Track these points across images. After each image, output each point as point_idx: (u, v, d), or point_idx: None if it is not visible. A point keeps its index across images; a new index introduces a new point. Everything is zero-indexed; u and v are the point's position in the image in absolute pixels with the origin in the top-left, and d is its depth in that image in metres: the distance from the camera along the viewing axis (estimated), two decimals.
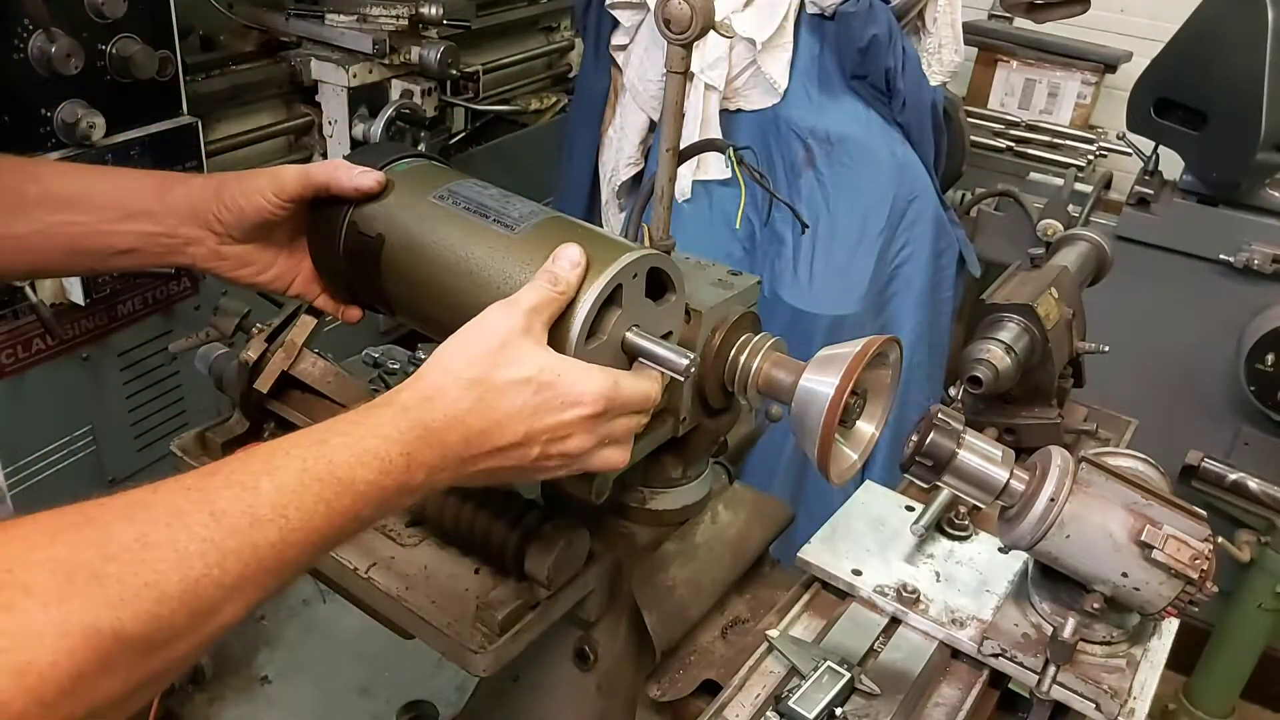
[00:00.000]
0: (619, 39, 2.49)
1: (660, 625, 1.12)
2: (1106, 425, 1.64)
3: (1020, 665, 1.05)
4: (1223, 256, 2.51)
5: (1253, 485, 2.41)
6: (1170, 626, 1.10)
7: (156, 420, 2.31)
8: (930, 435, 1.00)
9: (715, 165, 2.31)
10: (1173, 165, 2.61)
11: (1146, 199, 2.63)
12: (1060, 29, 3.06)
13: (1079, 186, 2.82)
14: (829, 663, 1.05)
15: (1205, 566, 0.96)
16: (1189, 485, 2.43)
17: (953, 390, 1.44)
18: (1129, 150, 2.77)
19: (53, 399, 2.09)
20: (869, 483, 1.36)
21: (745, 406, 1.13)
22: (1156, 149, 2.61)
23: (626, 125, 2.50)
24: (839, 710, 1.01)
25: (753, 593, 1.27)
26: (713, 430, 1.12)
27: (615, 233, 1.02)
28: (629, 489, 1.17)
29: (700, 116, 2.24)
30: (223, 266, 1.04)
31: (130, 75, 1.94)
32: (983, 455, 1.01)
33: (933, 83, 2.40)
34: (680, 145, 1.01)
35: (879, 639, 1.13)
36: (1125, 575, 0.98)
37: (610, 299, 0.88)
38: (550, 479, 0.89)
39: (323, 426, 0.76)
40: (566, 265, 0.86)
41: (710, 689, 1.11)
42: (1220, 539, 1.59)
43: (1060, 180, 2.83)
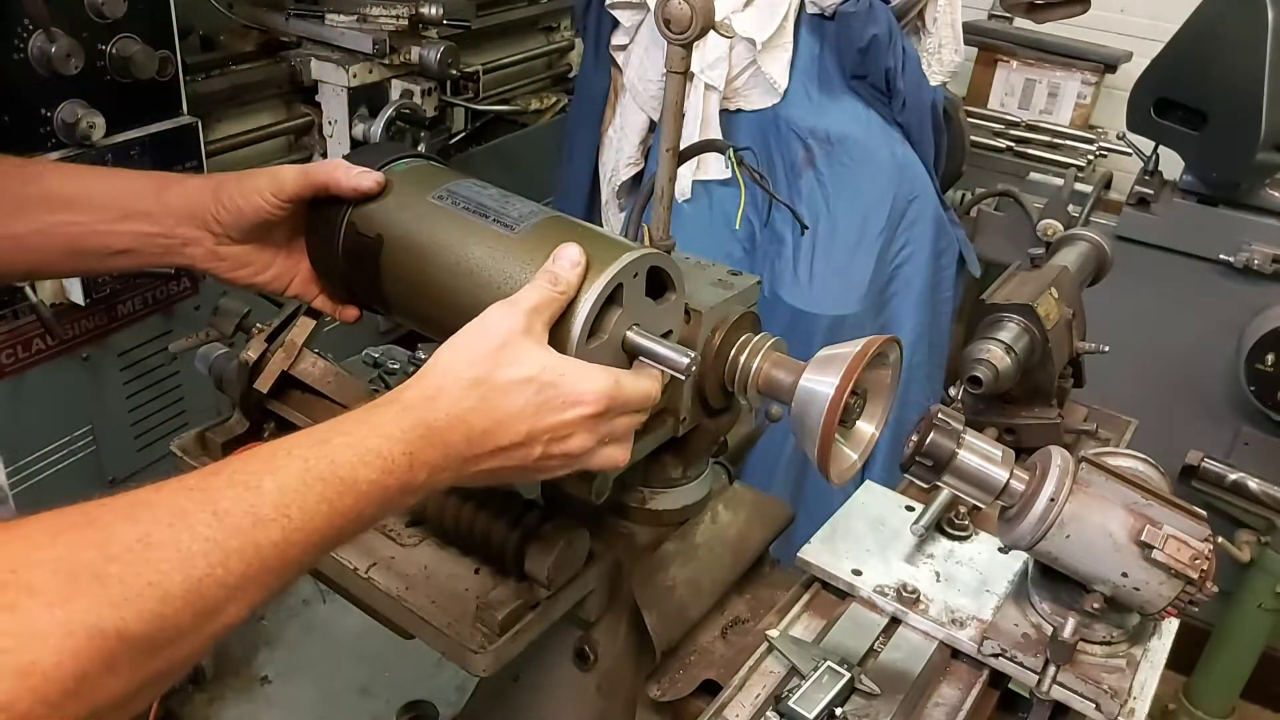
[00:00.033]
0: (619, 39, 2.49)
1: (660, 625, 1.12)
2: (1106, 425, 1.64)
3: (1020, 665, 1.05)
4: (1223, 256, 2.51)
5: (1253, 485, 2.41)
6: (1170, 626, 1.10)
7: (156, 420, 2.31)
8: (930, 435, 1.00)
9: (715, 165, 2.31)
10: (1173, 165, 2.61)
11: (1146, 199, 2.63)
12: (1060, 29, 3.06)
13: (1079, 186, 2.81)
14: (829, 663, 1.04)
15: (1205, 566, 0.96)
16: (1189, 485, 2.43)
17: (953, 390, 1.43)
18: (1129, 150, 2.77)
19: (53, 399, 2.09)
20: (869, 483, 1.36)
21: (745, 406, 1.13)
22: (1156, 149, 2.61)
23: (626, 125, 2.50)
24: (839, 710, 1.01)
25: (753, 593, 1.27)
26: (713, 430, 1.12)
27: (615, 233, 1.02)
28: (629, 489, 1.17)
29: (700, 116, 2.24)
30: (221, 267, 1.04)
31: (130, 75, 1.93)
32: (983, 455, 1.01)
33: (933, 83, 2.40)
34: (680, 145, 1.01)
35: (879, 639, 1.13)
36: (1125, 575, 0.98)
37: (611, 298, 0.88)
38: (551, 479, 0.89)
39: (325, 426, 0.76)
40: (567, 265, 0.86)
41: (710, 689, 1.11)
42: (1220, 539, 1.59)
43: (1060, 180, 2.83)
